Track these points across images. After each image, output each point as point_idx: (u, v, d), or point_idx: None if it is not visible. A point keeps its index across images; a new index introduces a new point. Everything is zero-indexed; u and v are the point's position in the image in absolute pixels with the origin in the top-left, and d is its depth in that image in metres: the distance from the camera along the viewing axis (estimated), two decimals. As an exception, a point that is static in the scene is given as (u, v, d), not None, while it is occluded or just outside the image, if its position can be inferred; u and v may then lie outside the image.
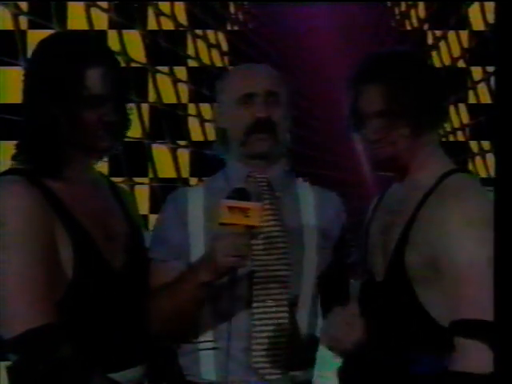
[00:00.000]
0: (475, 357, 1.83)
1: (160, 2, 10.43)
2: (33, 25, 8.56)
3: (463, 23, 11.91)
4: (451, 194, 1.94)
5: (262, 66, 2.37)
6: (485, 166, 11.48)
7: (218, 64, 11.46)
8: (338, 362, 2.22)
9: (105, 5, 9.44)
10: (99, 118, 1.95)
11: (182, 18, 10.83)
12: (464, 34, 12.09)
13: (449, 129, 11.52)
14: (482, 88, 11.64)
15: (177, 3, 10.65)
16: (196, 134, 10.42)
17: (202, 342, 2.13)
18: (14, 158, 2.00)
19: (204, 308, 2.10)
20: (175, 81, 10.47)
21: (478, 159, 11.76)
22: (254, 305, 2.11)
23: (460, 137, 12.10)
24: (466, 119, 12.06)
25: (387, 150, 2.00)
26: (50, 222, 1.87)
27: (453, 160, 2.08)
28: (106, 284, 1.94)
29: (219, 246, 1.93)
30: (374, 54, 2.09)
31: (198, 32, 11.19)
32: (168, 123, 10.04)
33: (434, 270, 1.91)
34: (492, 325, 1.81)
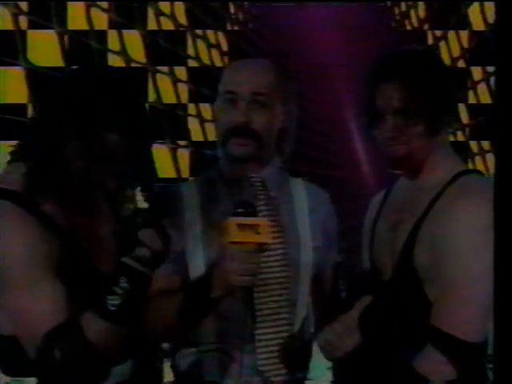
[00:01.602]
0: (432, 365, 1.87)
1: (160, 2, 10.43)
2: (33, 25, 8.56)
3: (463, 23, 11.90)
4: (461, 195, 1.95)
5: (259, 62, 2.28)
6: (485, 165, 11.47)
7: (218, 64, 11.45)
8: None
9: (105, 5, 9.44)
10: (101, 177, 1.92)
11: (182, 18, 10.82)
12: (464, 34, 12.08)
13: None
14: (482, 88, 11.64)
15: (177, 3, 10.64)
16: (196, 134, 10.42)
17: (205, 343, 2.13)
18: (10, 160, 1.98)
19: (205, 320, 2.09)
20: (175, 81, 10.47)
21: (478, 159, 11.76)
22: (256, 307, 2.10)
23: (460, 137, 12.09)
24: (466, 119, 12.05)
25: (403, 147, 2.01)
26: (51, 246, 1.88)
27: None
28: (99, 291, 1.95)
29: (231, 267, 1.89)
30: (393, 53, 2.10)
31: (198, 32, 11.18)
32: (168, 123, 10.04)
33: (439, 269, 1.92)
34: (461, 343, 1.84)
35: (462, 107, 12.24)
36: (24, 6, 8.30)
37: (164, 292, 2.09)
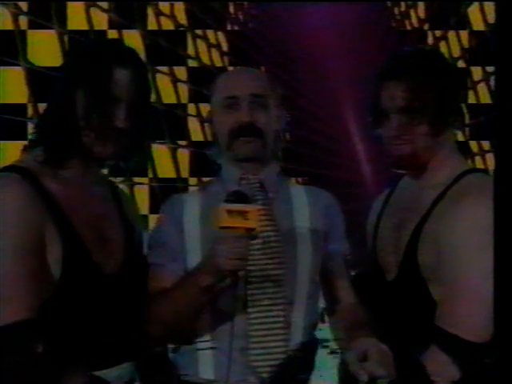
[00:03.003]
0: (436, 365, 1.87)
1: (160, 2, 10.45)
2: (33, 25, 8.58)
3: (463, 23, 11.93)
4: (464, 195, 1.94)
5: (251, 69, 2.36)
6: (485, 165, 11.49)
7: (218, 64, 11.48)
8: (336, 360, 2.23)
9: (105, 5, 9.46)
10: (111, 121, 1.93)
11: (182, 18, 10.84)
12: (464, 34, 12.11)
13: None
14: (482, 88, 11.66)
15: (177, 3, 10.66)
16: (196, 134, 10.44)
17: (200, 341, 2.14)
18: (28, 145, 1.99)
19: (202, 315, 2.10)
20: (175, 81, 10.49)
21: (478, 159, 11.78)
22: (250, 304, 2.12)
23: (460, 137, 12.12)
24: (465, 119, 12.05)
25: (407, 147, 2.01)
26: (41, 221, 1.87)
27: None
28: (94, 285, 1.94)
29: (220, 250, 1.93)
30: (399, 52, 2.11)
31: (198, 32, 11.21)
32: (168, 123, 10.06)
33: (442, 268, 1.92)
34: (465, 344, 1.85)
35: (462, 107, 12.19)
36: (24, 5, 8.31)
37: (167, 291, 2.10)
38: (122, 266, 2.00)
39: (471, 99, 11.93)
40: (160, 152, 9.82)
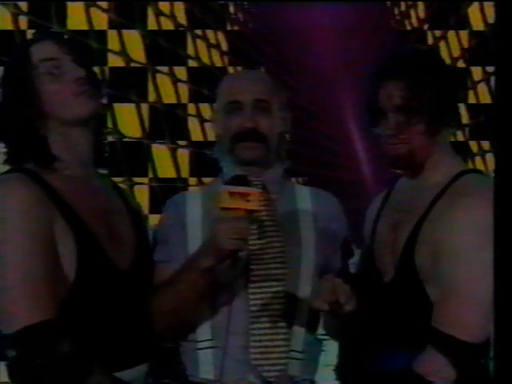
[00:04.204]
0: (432, 366, 1.87)
1: (160, 2, 10.44)
2: (33, 25, 8.57)
3: (463, 23, 11.91)
4: (461, 195, 1.95)
5: (255, 72, 2.38)
6: (485, 165, 11.47)
7: (218, 64, 11.46)
8: (336, 360, 2.23)
9: (105, 5, 9.45)
10: (71, 77, 1.95)
11: (182, 18, 10.83)
12: (464, 34, 12.09)
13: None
14: (482, 88, 11.65)
15: (177, 3, 10.65)
16: (196, 134, 10.42)
17: (201, 341, 2.14)
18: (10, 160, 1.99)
19: (203, 305, 2.10)
20: (175, 81, 10.48)
21: (477, 159, 11.77)
22: (252, 303, 2.12)
23: (460, 137, 12.09)
24: (465, 119, 12.05)
25: (404, 146, 2.02)
26: (51, 218, 1.88)
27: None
28: (110, 282, 1.94)
29: (221, 230, 1.96)
30: (397, 52, 2.12)
31: (198, 32, 11.19)
32: (168, 123, 10.05)
33: (439, 269, 1.92)
34: (461, 344, 1.85)
35: (461, 107, 12.15)
36: (24, 5, 8.31)
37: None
38: (133, 261, 2.00)
39: (471, 99, 11.91)
40: (160, 152, 9.81)
